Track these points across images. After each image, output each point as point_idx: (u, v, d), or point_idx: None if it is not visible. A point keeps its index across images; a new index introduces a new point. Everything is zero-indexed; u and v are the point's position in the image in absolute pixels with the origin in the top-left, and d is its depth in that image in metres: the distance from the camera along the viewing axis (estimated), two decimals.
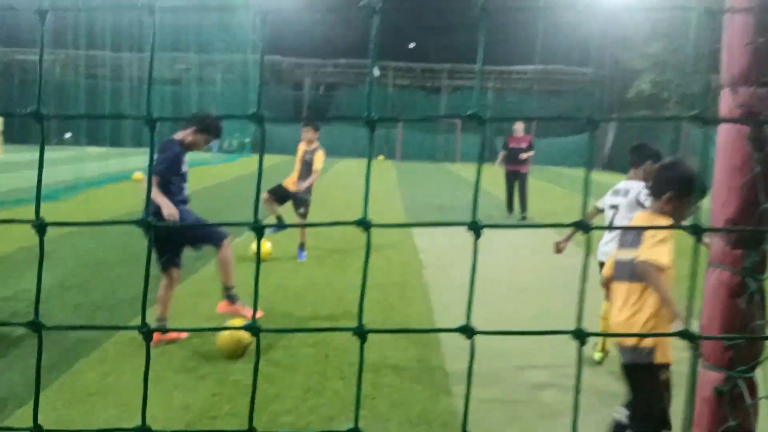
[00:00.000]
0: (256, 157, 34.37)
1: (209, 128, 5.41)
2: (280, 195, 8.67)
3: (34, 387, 0.95)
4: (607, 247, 5.10)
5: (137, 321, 4.62)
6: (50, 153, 29.55)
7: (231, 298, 5.43)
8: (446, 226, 0.98)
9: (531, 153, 14.43)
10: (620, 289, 3.28)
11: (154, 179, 5.07)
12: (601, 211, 5.34)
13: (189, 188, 5.44)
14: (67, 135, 38.68)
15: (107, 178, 18.65)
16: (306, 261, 8.59)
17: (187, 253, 5.58)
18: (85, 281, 7.07)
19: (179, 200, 5.21)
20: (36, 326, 0.95)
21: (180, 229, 5.36)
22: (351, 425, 3.91)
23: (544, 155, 39.80)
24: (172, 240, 5.28)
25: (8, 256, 8.09)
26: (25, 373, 4.44)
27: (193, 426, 3.78)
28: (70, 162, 22.21)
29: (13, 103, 39.80)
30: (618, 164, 36.55)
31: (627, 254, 3.25)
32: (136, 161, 21.45)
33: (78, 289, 6.77)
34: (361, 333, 1.22)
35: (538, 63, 40.71)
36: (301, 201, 8.67)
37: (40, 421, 3.76)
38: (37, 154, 1.25)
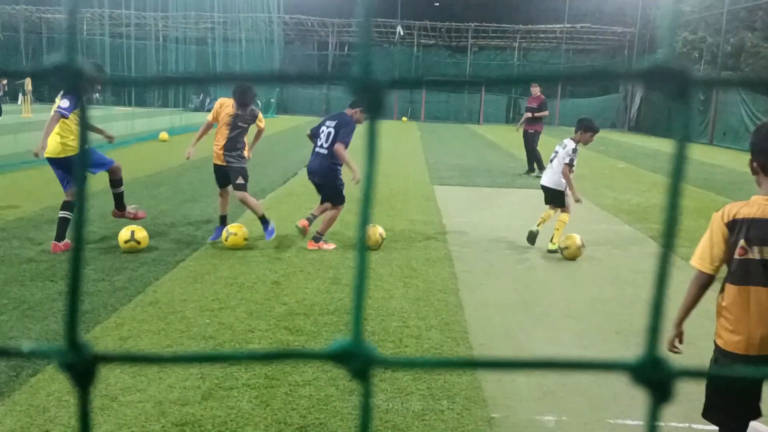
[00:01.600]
0: (282, 118, 34.15)
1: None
2: (222, 181, 7.30)
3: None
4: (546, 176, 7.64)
5: (157, 285, 4.54)
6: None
7: (316, 239, 7.18)
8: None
9: (543, 113, 14.54)
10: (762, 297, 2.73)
11: (343, 146, 6.89)
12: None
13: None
14: (96, 95, 38.76)
15: (134, 138, 18.65)
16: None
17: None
18: (107, 242, 7.01)
19: (332, 165, 7.08)
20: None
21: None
22: (373, 400, 3.80)
23: (570, 117, 39.08)
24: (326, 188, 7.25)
25: (32, 217, 8.06)
26: (41, 339, 4.39)
27: (209, 396, 3.69)
28: (97, 122, 22.15)
29: (41, 61, 39.88)
30: (645, 125, 35.70)
31: None
32: (161, 121, 21.40)
33: (99, 250, 6.72)
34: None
35: (567, 22, 39.54)
36: (235, 171, 7.09)
37: (51, 389, 3.66)
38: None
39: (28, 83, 29.46)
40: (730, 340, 2.76)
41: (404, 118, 38.53)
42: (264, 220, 7.25)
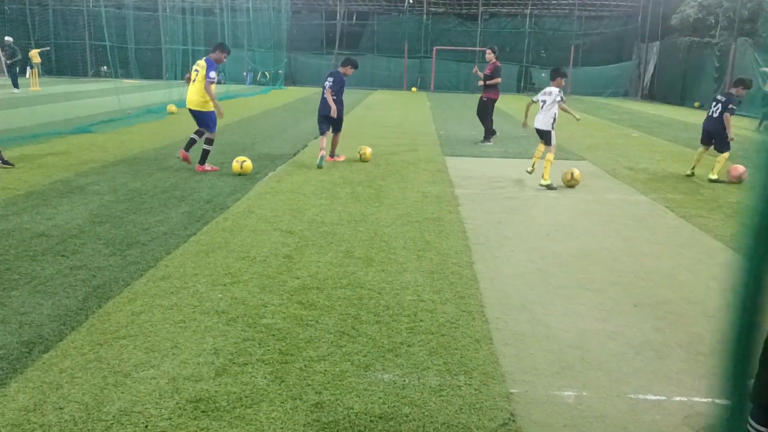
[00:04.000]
0: (289, 90, 33.87)
1: (356, 65, 10.60)
2: None
3: None
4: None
5: (169, 259, 4.47)
6: (87, 85, 29.47)
7: (333, 155, 11.12)
8: None
9: (495, 80, 14.35)
10: None
11: (331, 92, 10.33)
12: (535, 102, 9.58)
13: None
14: (104, 68, 38.66)
15: (142, 110, 18.51)
16: (341, 196, 8.36)
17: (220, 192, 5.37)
18: (119, 216, 6.96)
19: (340, 102, 10.56)
20: None
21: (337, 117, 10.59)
22: (389, 375, 3.71)
23: (583, 85, 38.56)
24: (327, 120, 10.57)
25: (42, 191, 8.02)
26: (53, 315, 4.35)
27: (223, 372, 3.64)
28: (105, 94, 22.06)
29: (50, 34, 39.75)
30: (659, 94, 35.16)
31: None
32: (169, 94, 21.23)
33: (111, 224, 6.67)
34: None
35: None
36: None
37: (64, 366, 3.63)
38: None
39: (34, 56, 29.20)
40: None
41: (413, 89, 38.16)
42: None
